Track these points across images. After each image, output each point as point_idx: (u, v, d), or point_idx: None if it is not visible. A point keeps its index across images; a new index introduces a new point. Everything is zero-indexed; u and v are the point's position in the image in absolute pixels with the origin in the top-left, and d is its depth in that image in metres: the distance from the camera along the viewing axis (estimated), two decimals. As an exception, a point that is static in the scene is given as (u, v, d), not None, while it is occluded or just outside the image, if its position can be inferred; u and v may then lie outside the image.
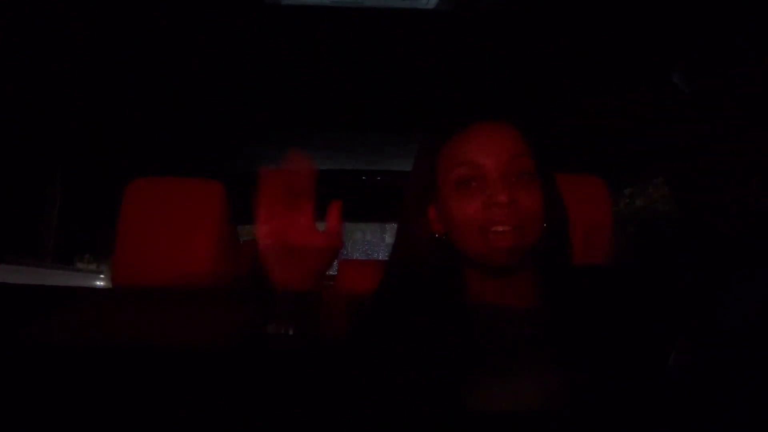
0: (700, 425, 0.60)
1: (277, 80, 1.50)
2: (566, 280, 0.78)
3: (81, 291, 1.42)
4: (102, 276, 1.83)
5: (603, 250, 1.13)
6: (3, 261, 1.51)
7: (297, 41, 1.29)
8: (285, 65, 1.41)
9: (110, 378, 0.86)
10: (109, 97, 1.51)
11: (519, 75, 1.46)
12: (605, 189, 1.19)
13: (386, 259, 0.84)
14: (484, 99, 1.55)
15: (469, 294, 0.79)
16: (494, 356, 0.74)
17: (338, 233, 0.70)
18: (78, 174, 1.76)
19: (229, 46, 1.31)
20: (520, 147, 0.76)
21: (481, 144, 0.76)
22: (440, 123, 0.82)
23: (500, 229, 0.72)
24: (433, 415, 0.69)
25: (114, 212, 1.07)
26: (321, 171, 0.66)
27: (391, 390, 0.71)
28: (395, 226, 0.85)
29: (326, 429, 0.77)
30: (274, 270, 0.68)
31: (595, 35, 1.25)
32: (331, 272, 3.51)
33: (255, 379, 0.89)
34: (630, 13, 1.15)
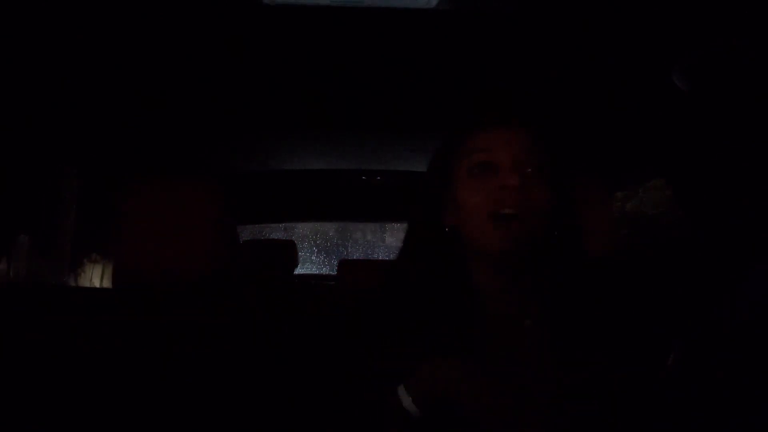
0: (700, 425, 0.60)
1: (277, 80, 1.50)
2: (573, 279, 0.78)
3: (81, 291, 1.42)
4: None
5: (603, 250, 1.13)
6: None
7: (297, 41, 1.29)
8: (285, 65, 1.42)
9: (110, 377, 0.86)
10: (109, 96, 1.51)
11: (519, 75, 1.46)
12: (605, 189, 1.19)
13: (386, 258, 0.85)
14: (485, 99, 1.56)
15: (475, 288, 0.79)
16: (494, 350, 0.74)
17: None
18: (83, 173, 1.77)
19: (229, 46, 1.32)
20: (534, 144, 0.79)
21: (498, 138, 0.79)
22: (460, 120, 0.84)
23: (509, 212, 0.74)
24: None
25: (115, 211, 1.07)
26: (321, 171, 0.66)
27: (393, 385, 0.71)
28: (395, 226, 0.87)
29: (327, 425, 0.77)
30: None
31: (595, 35, 1.25)
32: (331, 272, 3.51)
33: (255, 378, 0.89)
34: (630, 13, 1.15)
